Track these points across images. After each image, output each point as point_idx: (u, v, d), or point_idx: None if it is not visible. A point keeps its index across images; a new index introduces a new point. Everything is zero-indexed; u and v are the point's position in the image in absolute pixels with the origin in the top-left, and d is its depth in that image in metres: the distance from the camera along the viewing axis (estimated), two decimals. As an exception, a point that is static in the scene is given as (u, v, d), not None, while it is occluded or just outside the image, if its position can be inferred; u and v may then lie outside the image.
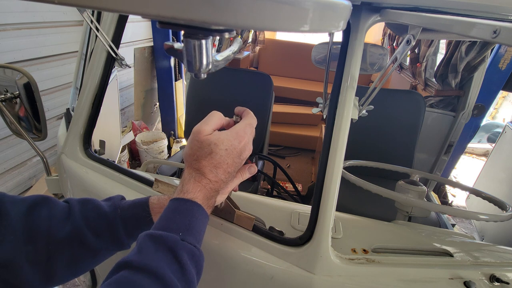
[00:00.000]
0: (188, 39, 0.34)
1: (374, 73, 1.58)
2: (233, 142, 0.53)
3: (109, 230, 0.56)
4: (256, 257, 0.67)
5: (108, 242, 0.57)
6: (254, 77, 1.93)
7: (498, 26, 0.40)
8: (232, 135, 0.54)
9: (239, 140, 0.54)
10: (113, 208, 0.57)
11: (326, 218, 0.64)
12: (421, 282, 0.65)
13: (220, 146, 0.52)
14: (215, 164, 0.52)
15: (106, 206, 0.58)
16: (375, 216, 0.87)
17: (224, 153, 0.53)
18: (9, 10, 1.82)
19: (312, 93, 3.64)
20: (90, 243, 0.55)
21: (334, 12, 0.27)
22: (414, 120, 1.76)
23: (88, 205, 0.57)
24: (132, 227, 0.58)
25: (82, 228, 0.54)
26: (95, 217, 0.56)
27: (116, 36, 0.94)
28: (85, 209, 0.56)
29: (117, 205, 0.58)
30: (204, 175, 0.52)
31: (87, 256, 0.56)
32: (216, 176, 0.53)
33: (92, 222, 0.55)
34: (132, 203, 0.59)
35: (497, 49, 1.83)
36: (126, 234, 0.57)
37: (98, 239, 0.55)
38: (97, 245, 0.55)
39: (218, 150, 0.52)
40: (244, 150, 0.55)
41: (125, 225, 0.57)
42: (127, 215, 0.57)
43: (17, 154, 2.08)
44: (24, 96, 0.89)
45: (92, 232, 0.55)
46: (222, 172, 0.53)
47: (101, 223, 0.56)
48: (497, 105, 5.08)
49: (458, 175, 3.83)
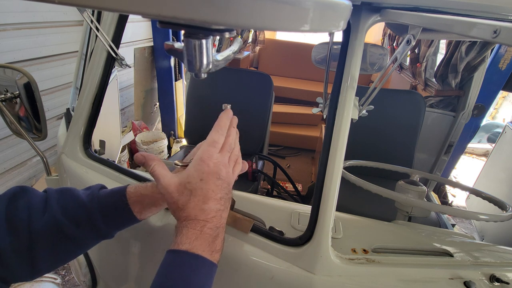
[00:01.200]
0: (188, 39, 0.34)
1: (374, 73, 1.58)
2: (200, 168, 0.50)
3: (88, 219, 0.56)
4: (256, 257, 0.67)
5: (88, 231, 0.57)
6: (254, 77, 1.93)
7: (498, 26, 0.40)
8: (197, 163, 0.51)
9: (207, 164, 0.51)
10: (91, 198, 0.58)
11: (326, 218, 0.64)
12: (421, 282, 0.65)
13: (193, 182, 0.49)
14: (203, 200, 0.49)
15: (84, 196, 0.58)
16: (375, 216, 0.87)
17: (201, 184, 0.49)
18: (9, 10, 1.82)
19: (312, 93, 3.64)
20: (69, 232, 0.55)
21: (334, 12, 0.27)
22: (414, 120, 1.76)
23: (66, 195, 0.57)
24: (110, 216, 0.58)
25: (60, 218, 0.54)
26: (73, 207, 0.56)
27: (116, 36, 0.94)
28: (63, 199, 0.56)
29: (95, 194, 0.59)
30: (196, 219, 0.48)
31: (68, 245, 0.56)
32: (210, 211, 0.49)
33: (70, 212, 0.55)
34: (110, 192, 0.59)
35: (497, 49, 1.83)
36: (104, 223, 0.57)
37: (77, 228, 0.55)
38: (77, 234, 0.56)
39: (195, 185, 0.49)
40: (218, 169, 0.51)
41: (103, 214, 0.57)
42: (104, 204, 0.58)
43: (17, 154, 2.08)
44: (24, 96, 0.89)
45: (71, 221, 0.55)
46: (213, 203, 0.50)
47: (79, 213, 0.56)
48: (497, 105, 5.08)
49: (458, 175, 3.83)
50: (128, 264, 0.90)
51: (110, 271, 1.00)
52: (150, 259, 0.83)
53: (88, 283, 1.03)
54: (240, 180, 1.95)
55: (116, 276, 0.97)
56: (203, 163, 0.51)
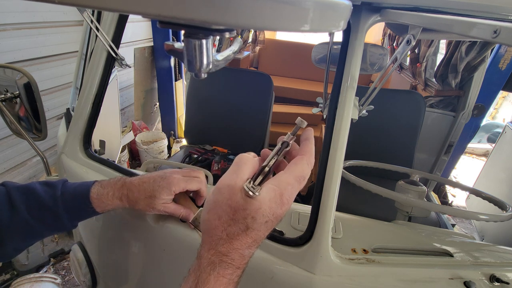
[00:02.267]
0: (188, 39, 0.34)
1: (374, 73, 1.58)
2: (276, 211, 0.39)
3: (54, 220, 0.62)
4: (256, 257, 0.67)
5: (52, 227, 0.63)
6: (254, 77, 1.93)
7: (498, 26, 0.40)
8: (276, 200, 0.39)
9: (282, 205, 0.39)
10: (54, 199, 0.62)
11: (326, 218, 0.64)
12: (421, 282, 0.64)
13: (259, 220, 0.38)
14: (250, 244, 0.39)
15: (47, 197, 0.62)
16: (375, 216, 0.87)
17: (263, 227, 0.39)
18: (9, 10, 1.82)
19: (312, 93, 3.64)
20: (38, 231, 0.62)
21: (334, 12, 0.27)
22: (414, 120, 1.76)
23: (29, 196, 0.61)
24: (75, 216, 0.65)
25: (29, 220, 0.59)
26: (38, 209, 0.61)
27: (116, 36, 0.94)
28: (28, 201, 0.61)
29: (57, 196, 0.62)
30: (233, 263, 0.39)
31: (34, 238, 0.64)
32: (248, 257, 0.41)
33: (36, 214, 0.60)
34: (73, 195, 0.64)
35: (497, 49, 1.83)
36: (68, 220, 0.63)
37: (44, 227, 0.62)
38: (44, 231, 0.63)
39: (257, 226, 0.38)
40: (284, 213, 0.41)
41: (68, 214, 0.63)
42: (69, 206, 0.63)
43: (17, 154, 2.08)
44: (24, 96, 0.90)
45: (39, 222, 0.61)
46: (254, 249, 0.41)
47: (46, 216, 0.61)
48: (497, 105, 5.08)
49: (458, 175, 3.83)
50: (128, 264, 0.90)
51: (110, 271, 0.99)
52: (150, 259, 0.83)
53: (88, 283, 1.03)
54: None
55: (116, 276, 0.97)
56: (280, 202, 0.39)
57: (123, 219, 0.84)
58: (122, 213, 0.83)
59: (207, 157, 1.84)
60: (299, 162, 0.42)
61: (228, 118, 1.90)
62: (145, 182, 0.64)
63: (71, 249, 1.07)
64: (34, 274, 1.83)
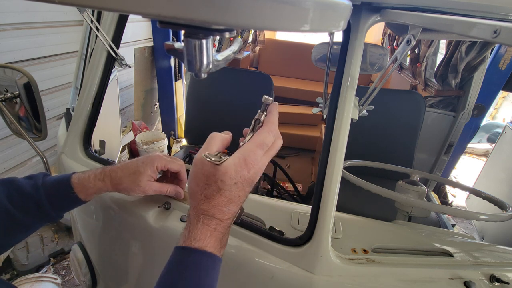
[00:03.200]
0: (188, 39, 0.34)
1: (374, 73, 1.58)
2: (242, 173, 0.47)
3: (36, 208, 0.60)
4: (256, 257, 0.67)
5: (37, 217, 0.61)
6: (254, 77, 1.93)
7: (498, 26, 0.40)
8: (240, 164, 0.47)
9: (248, 169, 0.47)
10: (36, 188, 0.60)
11: (326, 218, 0.64)
12: (421, 282, 0.64)
13: (227, 182, 0.46)
14: (226, 202, 0.48)
15: (28, 186, 0.61)
16: (375, 216, 0.87)
17: (234, 188, 0.47)
18: (9, 10, 1.82)
19: (312, 93, 3.64)
20: (21, 220, 0.59)
21: (334, 12, 0.27)
22: (414, 120, 1.76)
23: (10, 187, 0.60)
24: (58, 204, 0.62)
25: (10, 208, 0.57)
26: (19, 198, 0.59)
27: (116, 36, 0.94)
28: (9, 191, 0.59)
29: (39, 184, 0.61)
30: (214, 217, 0.47)
31: (20, 230, 0.61)
32: (228, 213, 0.49)
33: (18, 203, 0.59)
34: (54, 182, 0.62)
35: (497, 49, 1.83)
36: (52, 209, 0.61)
37: (27, 216, 0.60)
38: (26, 221, 0.60)
39: (227, 187, 0.47)
40: (256, 176, 0.49)
41: (50, 202, 0.61)
42: (51, 193, 0.61)
43: (17, 154, 2.08)
44: (24, 96, 0.90)
45: (20, 211, 0.58)
46: (234, 206, 0.49)
47: (27, 203, 0.60)
48: (497, 105, 5.08)
49: (458, 175, 3.83)
50: (128, 264, 0.90)
51: (110, 271, 0.99)
52: (150, 259, 0.83)
53: (88, 283, 1.03)
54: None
55: (116, 276, 0.97)
56: (245, 166, 0.47)
57: (123, 219, 0.84)
58: (122, 213, 0.83)
59: (207, 157, 1.83)
60: (260, 131, 0.51)
61: (228, 118, 1.89)
62: (128, 163, 0.67)
63: (71, 249, 1.07)
64: (34, 274, 1.83)
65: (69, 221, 2.14)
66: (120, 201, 0.82)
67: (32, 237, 2.04)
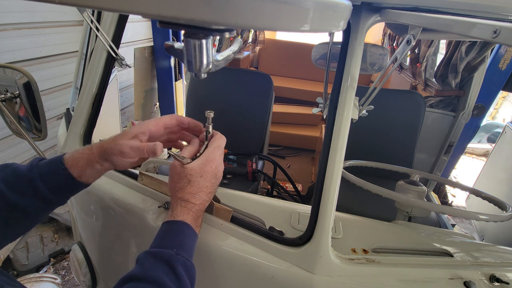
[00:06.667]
0: (188, 39, 0.34)
1: (374, 73, 1.58)
2: (206, 168, 0.63)
3: (31, 188, 0.59)
4: (256, 257, 0.67)
5: (34, 199, 0.59)
6: (254, 77, 1.93)
7: (498, 26, 0.40)
8: (203, 162, 0.63)
9: (210, 165, 0.64)
10: (30, 168, 0.60)
11: (326, 218, 0.64)
12: (421, 282, 0.65)
13: (194, 176, 0.62)
14: (196, 191, 0.62)
15: (23, 168, 0.61)
16: (375, 216, 0.87)
17: (200, 179, 0.63)
18: (9, 10, 1.82)
19: (312, 93, 3.64)
20: (16, 202, 0.57)
21: (334, 12, 0.27)
22: (414, 120, 1.76)
23: (5, 170, 0.60)
24: (52, 183, 0.61)
25: (4, 190, 0.56)
26: (14, 179, 0.59)
27: (116, 36, 0.94)
28: (3, 173, 0.59)
29: (33, 164, 0.61)
30: (189, 201, 0.62)
31: (19, 216, 0.59)
32: (200, 199, 0.63)
33: (12, 184, 0.58)
34: (48, 161, 0.62)
35: (497, 49, 1.83)
36: (48, 190, 0.60)
37: (23, 198, 0.58)
38: (24, 203, 0.58)
39: (194, 179, 0.62)
40: (218, 170, 0.65)
41: (44, 181, 0.60)
42: (44, 172, 0.60)
43: (17, 154, 2.08)
44: (24, 96, 0.90)
45: (15, 192, 0.57)
46: (204, 194, 0.63)
47: (21, 183, 0.59)
48: (497, 105, 5.08)
49: (458, 175, 3.83)
50: (128, 264, 0.90)
51: (110, 271, 1.00)
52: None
53: (88, 283, 1.03)
54: (240, 180, 1.94)
55: (116, 276, 0.97)
56: (207, 163, 0.63)
57: (123, 219, 0.84)
58: (122, 213, 0.83)
59: (207, 157, 1.83)
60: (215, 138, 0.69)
61: (228, 118, 1.89)
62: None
63: (71, 249, 1.07)
64: (34, 274, 1.83)
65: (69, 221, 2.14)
66: (120, 201, 0.82)
67: (32, 237, 2.04)
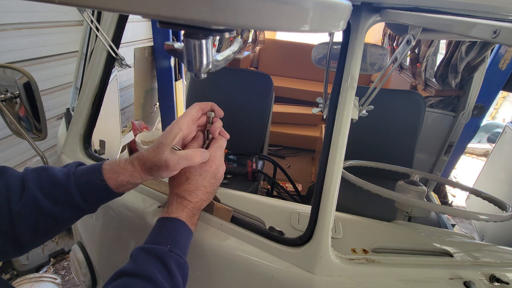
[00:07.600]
0: (188, 39, 0.34)
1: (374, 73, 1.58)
2: (205, 168, 0.62)
3: (65, 197, 0.58)
4: (256, 257, 0.67)
5: (67, 207, 0.58)
6: (254, 77, 1.93)
7: (498, 26, 0.40)
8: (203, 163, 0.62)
9: (210, 165, 0.63)
10: (67, 176, 0.59)
11: (326, 218, 0.64)
12: (421, 282, 0.65)
13: (193, 173, 0.62)
14: (193, 189, 0.62)
15: (60, 174, 0.59)
16: (375, 216, 0.87)
17: (199, 178, 0.62)
18: (9, 10, 1.82)
19: (312, 93, 3.64)
20: (49, 210, 0.56)
21: (334, 12, 0.27)
22: (414, 120, 1.76)
23: (42, 174, 0.58)
24: (88, 193, 0.59)
25: (38, 197, 0.55)
26: (50, 186, 0.57)
27: (116, 36, 0.94)
28: (40, 178, 0.58)
29: (71, 172, 0.60)
30: (185, 198, 0.61)
31: (49, 222, 0.58)
32: (196, 197, 0.62)
33: (47, 191, 0.57)
34: (85, 169, 0.60)
35: (497, 49, 1.83)
36: (82, 199, 0.58)
37: (56, 206, 0.57)
38: (56, 211, 0.57)
39: (193, 177, 0.62)
40: (218, 171, 0.64)
41: (79, 191, 0.58)
42: (81, 181, 0.58)
43: (17, 154, 2.08)
44: (24, 96, 0.89)
45: (49, 199, 0.56)
46: (201, 193, 0.63)
47: (56, 191, 0.57)
48: (497, 105, 5.08)
49: (458, 175, 3.83)
50: (128, 264, 0.90)
51: (110, 271, 0.99)
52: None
53: (88, 283, 1.03)
54: (240, 180, 1.94)
55: (116, 276, 0.97)
56: (208, 162, 0.63)
57: (123, 219, 0.84)
58: (122, 213, 0.83)
59: (207, 157, 1.83)
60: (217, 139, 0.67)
61: (228, 118, 1.89)
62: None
63: (71, 249, 1.07)
64: (34, 274, 1.83)
65: (69, 221, 2.14)
66: (120, 201, 0.82)
67: (32, 237, 2.04)
